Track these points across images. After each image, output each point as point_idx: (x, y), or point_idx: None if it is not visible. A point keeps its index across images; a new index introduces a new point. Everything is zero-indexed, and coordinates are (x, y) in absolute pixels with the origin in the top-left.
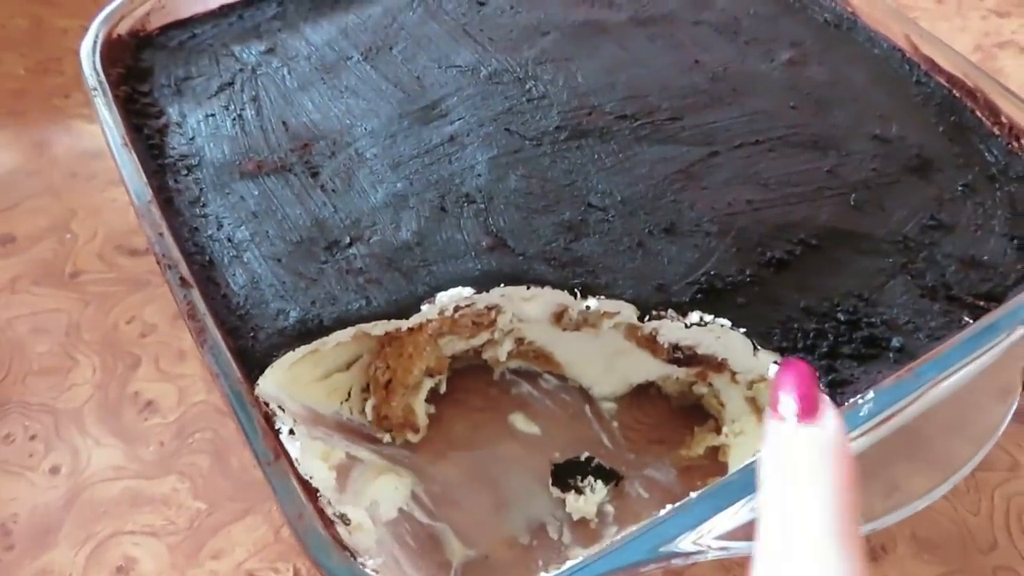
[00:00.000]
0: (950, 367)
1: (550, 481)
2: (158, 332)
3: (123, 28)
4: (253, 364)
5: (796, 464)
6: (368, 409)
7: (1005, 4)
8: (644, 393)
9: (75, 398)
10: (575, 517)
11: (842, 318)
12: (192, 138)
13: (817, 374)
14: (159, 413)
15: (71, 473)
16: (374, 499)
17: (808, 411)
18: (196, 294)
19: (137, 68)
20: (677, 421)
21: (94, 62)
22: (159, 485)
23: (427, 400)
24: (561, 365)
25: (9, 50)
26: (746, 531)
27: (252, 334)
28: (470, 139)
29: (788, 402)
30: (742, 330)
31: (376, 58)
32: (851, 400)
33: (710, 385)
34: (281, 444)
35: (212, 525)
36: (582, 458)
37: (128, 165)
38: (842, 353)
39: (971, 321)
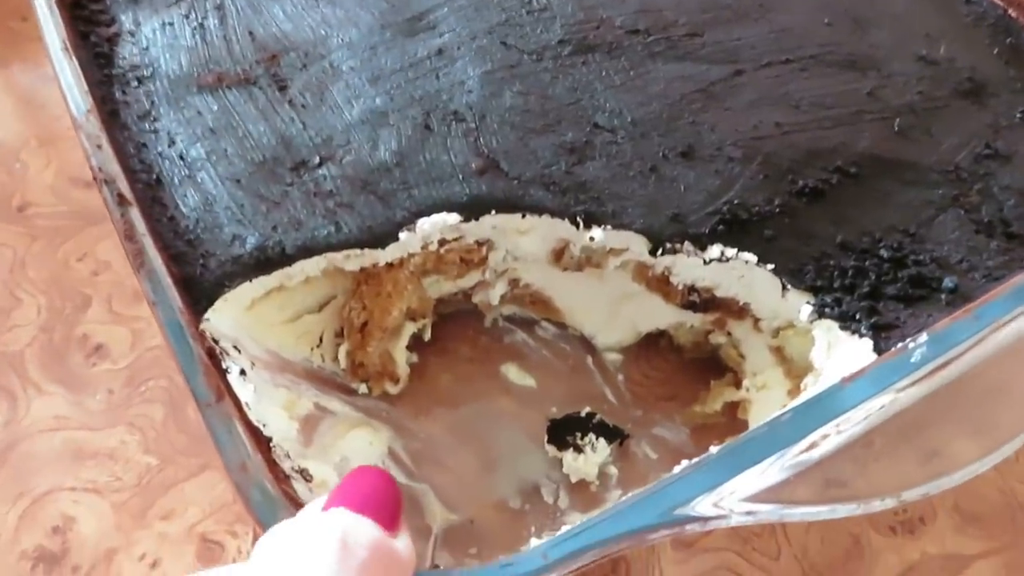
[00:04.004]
0: (1015, 309)
1: (545, 439)
2: (112, 271)
3: None
4: (201, 295)
5: (354, 544)
6: (341, 356)
7: None
8: (653, 344)
9: (16, 340)
10: (573, 479)
11: (885, 255)
12: (146, 48)
13: (399, 492)
14: (109, 358)
15: (7, 422)
16: (344, 455)
17: (383, 519)
18: (135, 213)
19: None
20: (690, 375)
21: None
22: (105, 437)
23: (409, 348)
24: (560, 311)
25: None
26: (776, 493)
27: (202, 261)
28: (460, 52)
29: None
30: (770, 267)
31: None
32: (900, 344)
33: (729, 334)
34: (228, 384)
35: (163, 482)
36: (582, 414)
37: (67, 71)
38: (886, 294)
39: None
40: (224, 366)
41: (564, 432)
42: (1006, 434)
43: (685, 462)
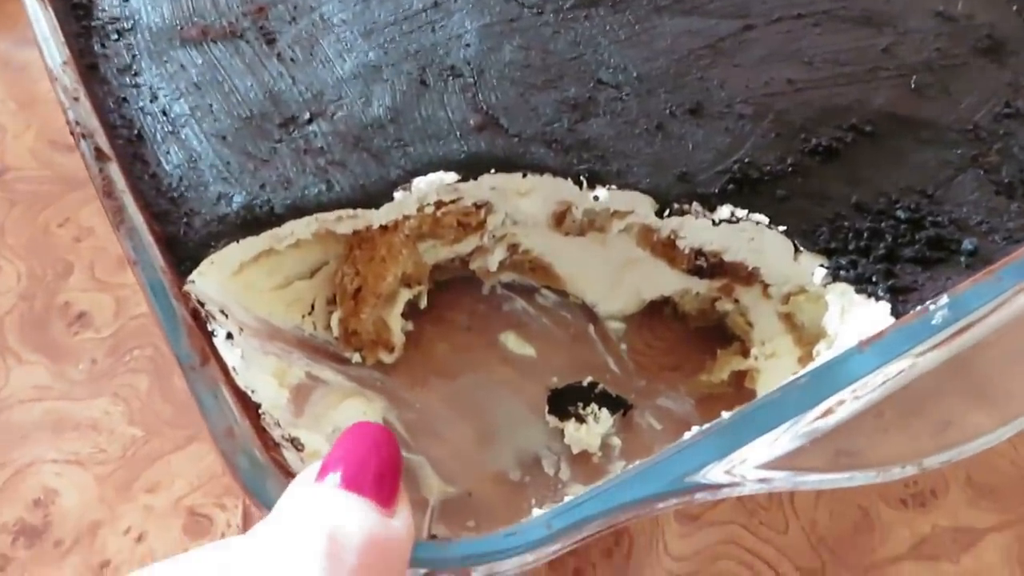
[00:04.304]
0: None
1: (546, 409)
2: (95, 236)
3: None
4: (185, 255)
5: (343, 546)
6: (334, 323)
7: None
8: (658, 312)
9: None
10: (575, 450)
11: (902, 216)
12: None
13: (399, 451)
14: (92, 327)
15: None
16: (337, 425)
17: (381, 494)
18: (114, 168)
19: None
20: (696, 344)
21: None
22: (88, 408)
23: (404, 315)
24: (561, 278)
25: None
26: (791, 460)
27: (185, 220)
28: (458, 5)
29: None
30: (782, 228)
31: None
32: (920, 307)
33: (736, 301)
34: (213, 348)
35: (149, 454)
36: (584, 384)
37: (42, 22)
38: (903, 256)
39: None
40: (210, 329)
41: (565, 402)
42: (1022, 405)
43: (696, 428)
